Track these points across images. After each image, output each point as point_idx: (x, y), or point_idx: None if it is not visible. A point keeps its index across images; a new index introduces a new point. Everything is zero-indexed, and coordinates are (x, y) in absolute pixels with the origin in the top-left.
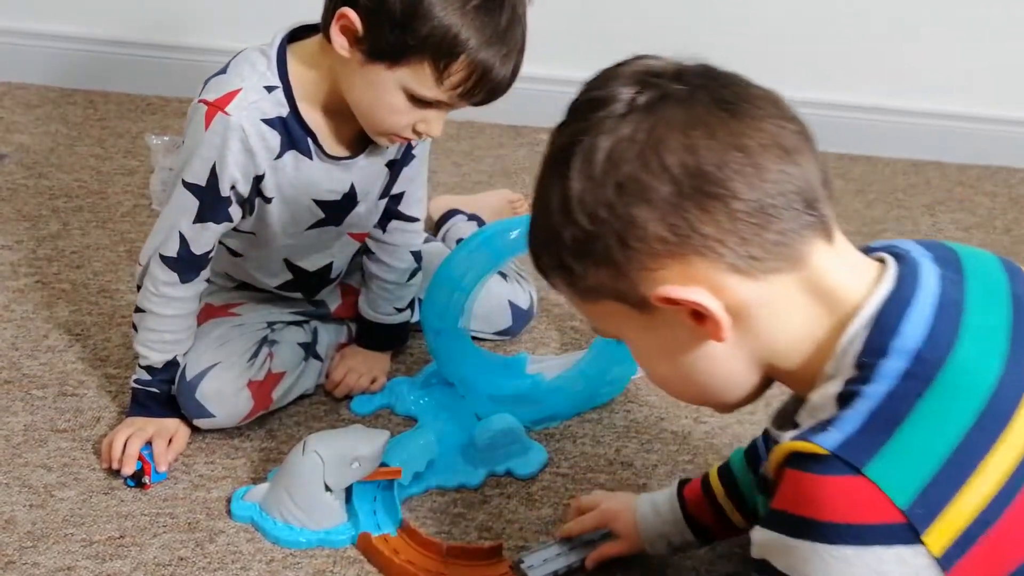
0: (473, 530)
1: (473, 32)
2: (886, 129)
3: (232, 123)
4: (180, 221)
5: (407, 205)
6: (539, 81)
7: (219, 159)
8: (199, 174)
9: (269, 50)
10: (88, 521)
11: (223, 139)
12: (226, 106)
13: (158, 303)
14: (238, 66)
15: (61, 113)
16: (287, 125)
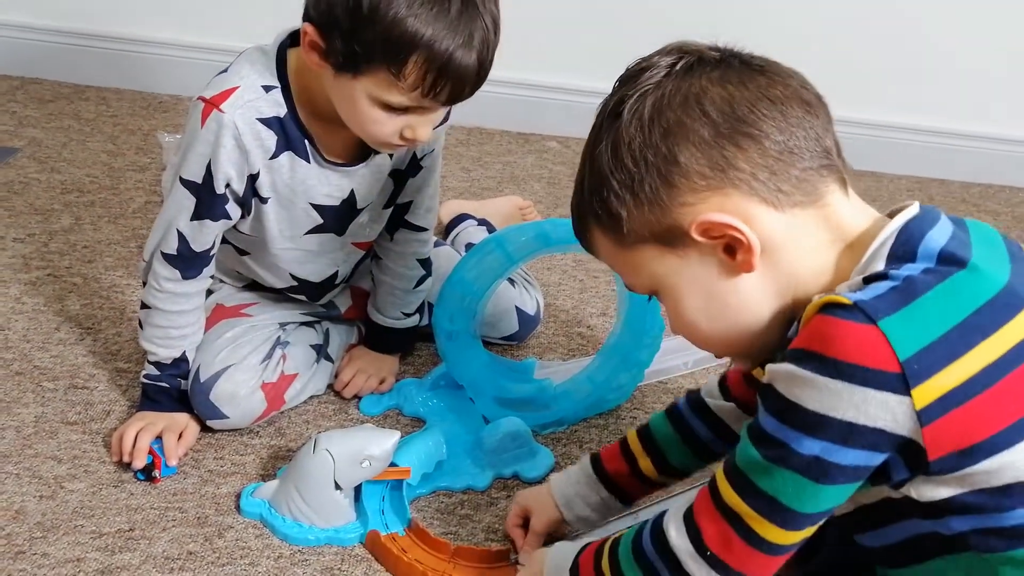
0: (480, 531)
1: (420, 27)
2: (890, 146)
3: (225, 120)
4: (178, 218)
5: (415, 215)
6: (547, 89)
7: (213, 156)
8: (195, 171)
9: (270, 50)
10: (98, 513)
11: (216, 136)
12: (221, 103)
13: (162, 299)
14: (238, 65)
15: (74, 109)
16: (284, 126)
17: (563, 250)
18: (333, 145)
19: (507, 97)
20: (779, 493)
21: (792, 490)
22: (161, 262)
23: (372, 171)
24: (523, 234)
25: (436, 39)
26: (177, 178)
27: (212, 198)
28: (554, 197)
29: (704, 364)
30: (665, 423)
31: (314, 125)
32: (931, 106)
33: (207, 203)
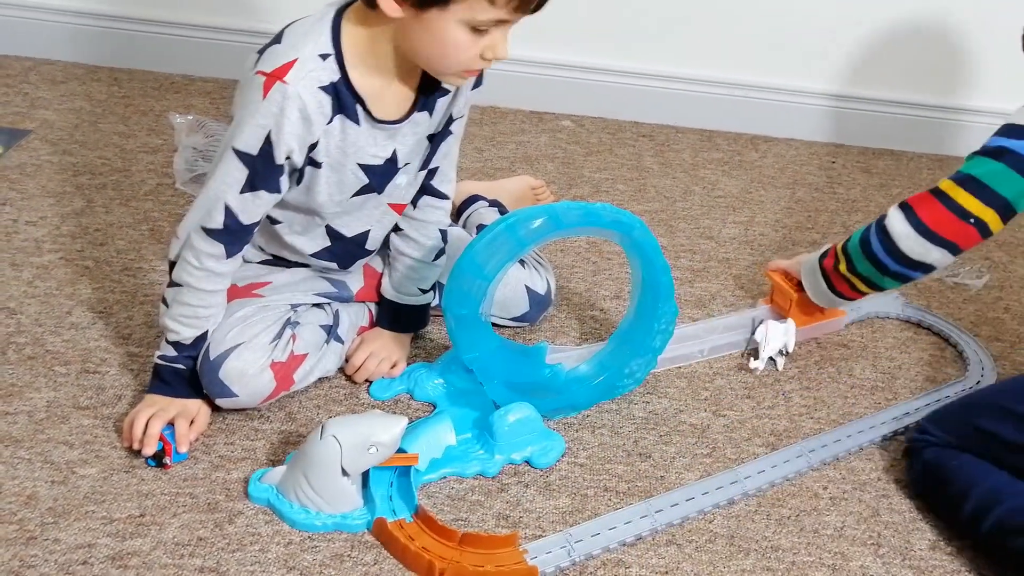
0: (491, 518)
1: None
2: (910, 124)
3: (290, 92)
4: (227, 193)
5: (440, 181)
6: (561, 68)
7: (276, 127)
8: (251, 143)
9: (325, 16)
10: (109, 499)
11: (281, 108)
12: (284, 76)
13: (199, 277)
14: (293, 35)
15: (86, 90)
16: (338, 91)
17: (575, 234)
18: (383, 104)
19: (521, 75)
20: (983, 176)
21: (997, 177)
22: (204, 238)
23: (413, 130)
24: (534, 218)
25: None
26: (229, 149)
27: (269, 169)
28: (568, 177)
29: (720, 352)
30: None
31: (368, 84)
32: (951, 83)
33: (262, 174)
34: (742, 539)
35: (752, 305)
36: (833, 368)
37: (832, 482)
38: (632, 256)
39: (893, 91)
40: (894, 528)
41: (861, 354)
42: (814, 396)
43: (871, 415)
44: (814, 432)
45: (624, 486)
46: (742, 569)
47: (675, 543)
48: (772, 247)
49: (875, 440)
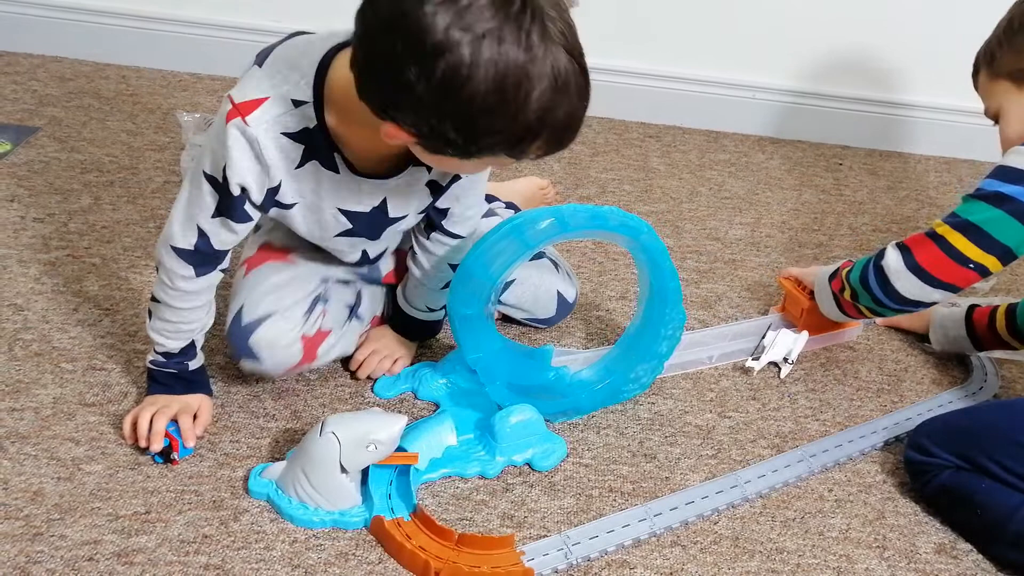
0: (495, 518)
1: (536, 121)
2: (918, 126)
3: (249, 133)
4: (199, 214)
5: (451, 222)
6: None
7: (229, 160)
8: (215, 169)
9: (317, 51)
10: (115, 496)
11: (236, 143)
12: (247, 114)
13: (174, 296)
14: (275, 67)
15: (94, 87)
16: (312, 137)
17: (581, 236)
18: (368, 157)
19: None
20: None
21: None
22: (174, 257)
23: (408, 182)
24: (541, 219)
25: (556, 127)
26: (200, 170)
27: (229, 198)
28: (574, 177)
29: (730, 359)
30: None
31: (348, 135)
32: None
33: (226, 203)
34: (747, 540)
35: (763, 311)
36: (839, 370)
37: (837, 484)
38: (639, 260)
39: (901, 93)
40: (899, 531)
41: (867, 357)
42: (820, 398)
43: (873, 420)
44: (820, 434)
45: (629, 487)
46: (747, 571)
47: (680, 544)
48: (779, 248)
49: (877, 445)
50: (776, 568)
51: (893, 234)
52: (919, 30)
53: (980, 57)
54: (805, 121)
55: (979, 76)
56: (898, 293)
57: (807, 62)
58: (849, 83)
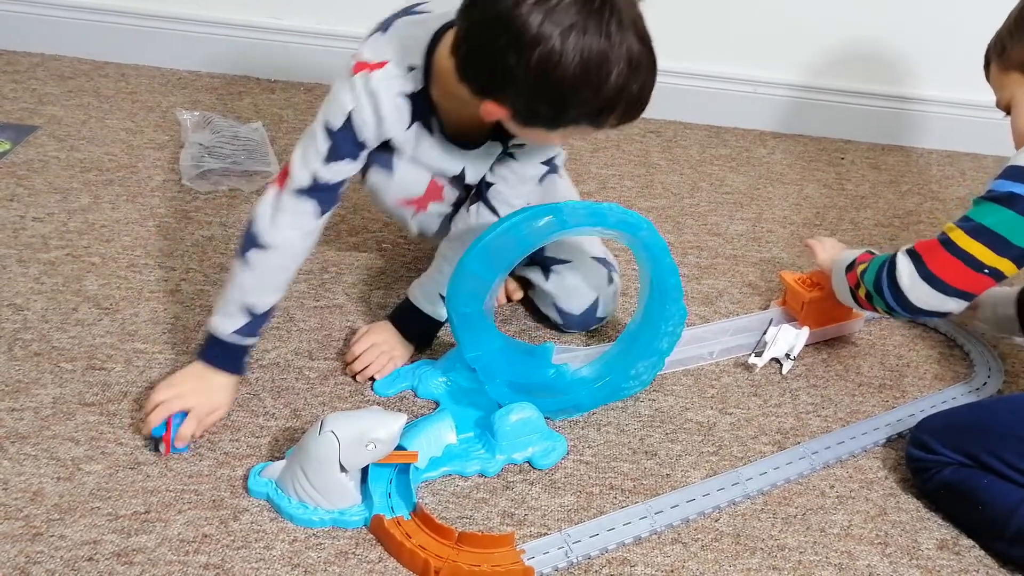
0: (495, 516)
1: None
2: (920, 119)
3: (371, 87)
4: (313, 161)
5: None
6: None
7: (355, 108)
8: (337, 119)
9: (428, 29)
10: (114, 495)
11: (360, 93)
12: (372, 72)
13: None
14: (397, 35)
15: (94, 86)
16: (419, 101)
17: (580, 233)
18: (460, 126)
19: None
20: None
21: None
22: (296, 199)
23: (485, 154)
24: (539, 217)
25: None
26: (319, 121)
27: (347, 144)
28: (574, 173)
29: (730, 354)
30: None
31: (446, 105)
32: (962, 78)
33: (341, 147)
34: (748, 538)
35: (764, 306)
36: (841, 366)
37: (839, 480)
38: (639, 257)
39: (903, 87)
40: (901, 527)
41: (869, 352)
42: (821, 394)
43: (876, 417)
44: (821, 430)
45: (630, 484)
46: (748, 568)
47: (681, 541)
48: (780, 244)
49: (879, 442)
50: (777, 565)
51: (896, 228)
52: (921, 24)
53: (991, 49)
54: (807, 116)
55: (990, 68)
56: (912, 304)
57: (809, 57)
58: (851, 77)
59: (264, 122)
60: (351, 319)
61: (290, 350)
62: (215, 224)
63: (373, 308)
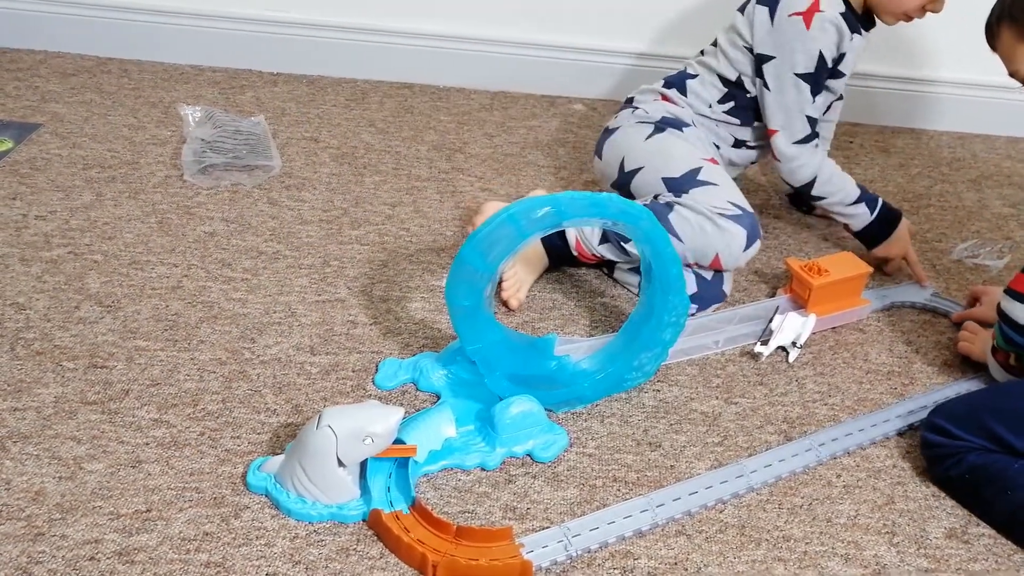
0: (497, 510)
1: None
2: (930, 101)
3: (826, 17)
4: (805, 106)
5: None
6: (572, 51)
7: (824, 46)
8: (809, 64)
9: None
10: (116, 494)
11: (822, 30)
12: (817, 9)
13: (816, 166)
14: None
15: (96, 82)
16: (847, 16)
17: (580, 224)
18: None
19: (533, 59)
20: None
21: None
22: (796, 148)
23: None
24: (538, 208)
25: None
26: (790, 75)
27: (822, 77)
28: (579, 162)
29: (736, 343)
30: None
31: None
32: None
33: (818, 83)
34: (753, 529)
35: (770, 294)
36: (848, 353)
37: (846, 470)
38: (641, 247)
39: (912, 69)
40: (909, 516)
41: (877, 339)
42: (828, 382)
43: (885, 409)
44: (828, 419)
45: (634, 476)
46: (753, 559)
47: (685, 533)
48: (787, 230)
49: (889, 434)
50: (783, 556)
51: (906, 212)
52: None
53: (1002, 17)
54: None
55: (1001, 37)
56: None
57: None
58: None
59: (266, 115)
60: (353, 313)
61: (292, 345)
62: (217, 219)
63: (375, 302)
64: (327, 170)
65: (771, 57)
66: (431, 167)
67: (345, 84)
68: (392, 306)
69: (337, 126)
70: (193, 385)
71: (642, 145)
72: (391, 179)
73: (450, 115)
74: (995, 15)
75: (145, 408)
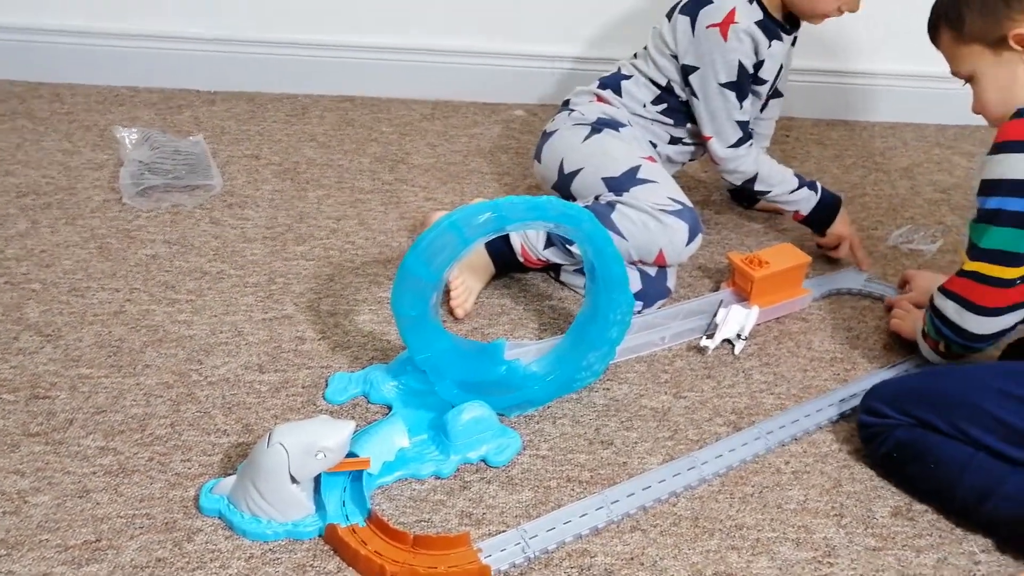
0: (453, 517)
1: None
2: (863, 93)
3: (741, 28)
4: (733, 113)
5: None
6: (511, 57)
7: (742, 55)
8: (730, 73)
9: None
10: (63, 526)
11: (739, 40)
12: (732, 20)
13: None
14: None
15: (27, 108)
16: (764, 24)
17: (522, 228)
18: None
19: (473, 67)
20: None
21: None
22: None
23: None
24: (479, 213)
25: None
26: (713, 86)
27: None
28: (522, 168)
29: (683, 339)
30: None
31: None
32: (902, 51)
33: (743, 90)
34: (706, 519)
35: (713, 288)
36: (792, 342)
37: (794, 456)
38: (584, 248)
39: (844, 62)
40: (856, 498)
41: (819, 326)
42: (774, 372)
43: (828, 394)
44: (775, 407)
45: (587, 475)
46: (707, 549)
47: (640, 528)
48: (729, 225)
49: (833, 418)
50: (736, 544)
51: None
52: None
53: (942, 16)
54: None
55: (941, 36)
56: (973, 333)
57: None
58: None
59: (205, 134)
60: (300, 329)
61: (240, 364)
62: (159, 242)
63: (323, 316)
64: (269, 187)
65: (695, 68)
66: (374, 179)
67: (285, 100)
68: (340, 320)
69: (278, 142)
70: (140, 410)
71: (580, 147)
72: (335, 193)
73: (392, 126)
74: (935, 16)
75: (91, 437)
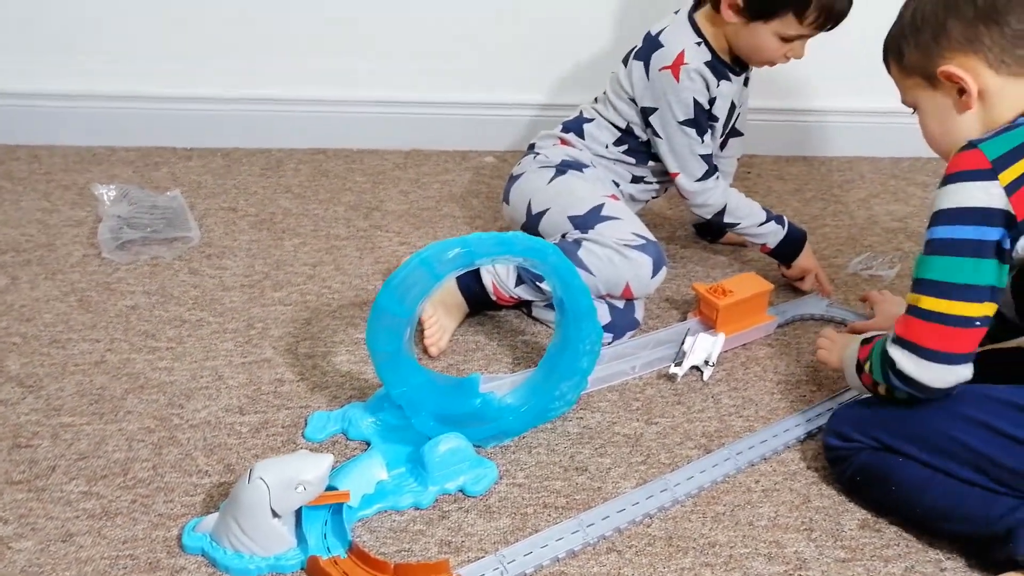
0: (433, 546)
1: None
2: (820, 130)
3: (691, 68)
4: (695, 147)
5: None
6: (480, 106)
7: (696, 93)
8: (687, 111)
9: (685, 20)
10: (47, 570)
11: (690, 79)
12: (682, 62)
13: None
14: (672, 37)
15: (5, 170)
16: (712, 64)
17: (490, 263)
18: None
19: (443, 117)
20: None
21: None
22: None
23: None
24: (448, 249)
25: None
26: (673, 125)
27: (703, 121)
28: (492, 211)
29: (653, 367)
30: None
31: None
32: (857, 87)
33: (701, 126)
34: (680, 539)
35: (681, 318)
36: (759, 367)
37: (764, 475)
38: (551, 281)
39: (801, 101)
40: (824, 512)
41: (784, 351)
42: (742, 395)
43: (795, 414)
44: (744, 430)
45: (563, 501)
46: (681, 568)
47: (615, 549)
48: (694, 259)
49: (800, 437)
50: (709, 562)
51: None
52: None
53: (889, 47)
54: None
55: (890, 66)
56: (930, 387)
57: None
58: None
59: (183, 189)
60: (279, 371)
61: (220, 407)
62: (138, 293)
63: (301, 358)
64: (247, 237)
65: (654, 108)
66: (349, 226)
67: (260, 154)
68: (318, 361)
69: (254, 194)
70: (122, 455)
71: (546, 188)
72: (311, 240)
73: (365, 176)
74: (884, 46)
75: (73, 482)
